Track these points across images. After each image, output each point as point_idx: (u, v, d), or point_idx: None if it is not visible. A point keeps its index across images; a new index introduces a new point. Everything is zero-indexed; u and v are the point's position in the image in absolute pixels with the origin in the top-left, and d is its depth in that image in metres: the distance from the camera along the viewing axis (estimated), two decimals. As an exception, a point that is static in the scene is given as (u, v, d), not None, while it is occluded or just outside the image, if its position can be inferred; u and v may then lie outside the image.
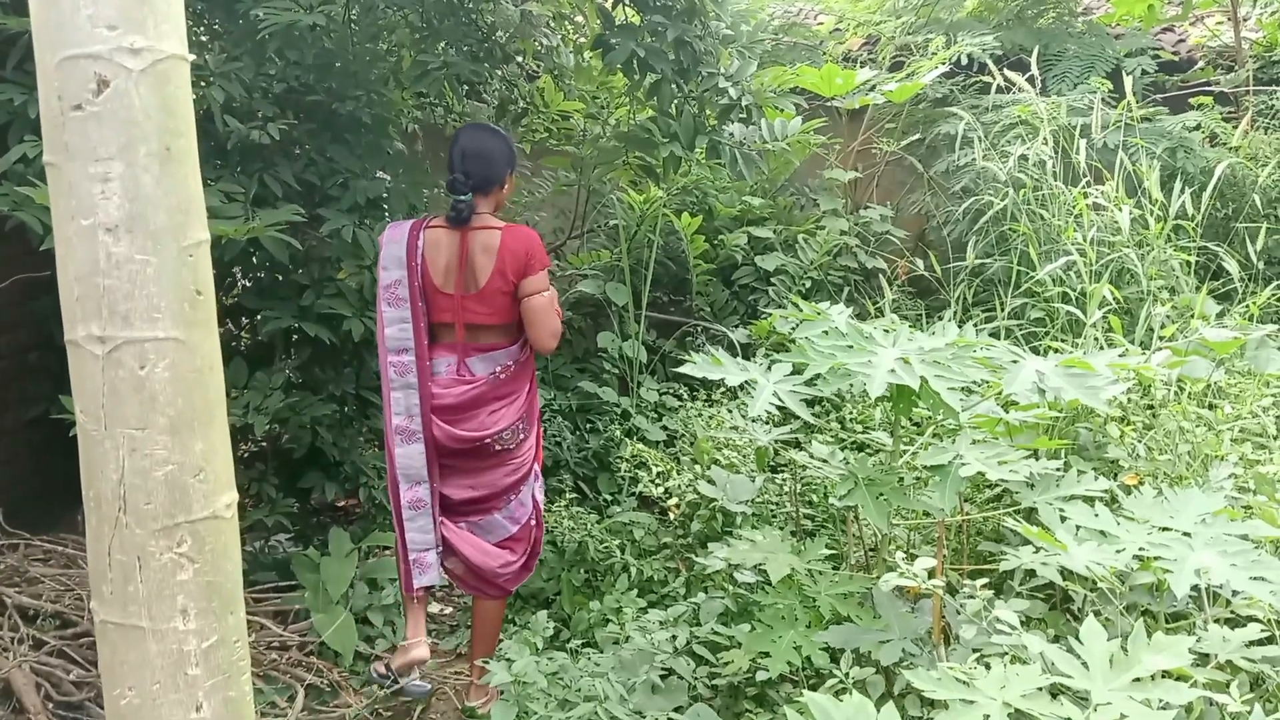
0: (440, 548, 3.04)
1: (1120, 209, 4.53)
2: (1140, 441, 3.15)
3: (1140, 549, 2.05)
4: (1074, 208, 4.82)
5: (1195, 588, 2.13)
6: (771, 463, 3.74)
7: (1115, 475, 3.01)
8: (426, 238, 2.96)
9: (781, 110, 3.65)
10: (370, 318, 3.52)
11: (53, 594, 3.19)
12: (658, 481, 3.65)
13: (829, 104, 5.25)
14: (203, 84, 3.21)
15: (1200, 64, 5.99)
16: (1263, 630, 1.99)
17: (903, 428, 3.06)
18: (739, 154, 3.39)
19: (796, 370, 2.67)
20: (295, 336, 3.81)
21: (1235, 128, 5.31)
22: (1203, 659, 1.94)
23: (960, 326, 4.29)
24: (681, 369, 2.60)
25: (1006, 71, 5.01)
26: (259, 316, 3.72)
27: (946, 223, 5.33)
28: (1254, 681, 2.02)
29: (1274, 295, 4.13)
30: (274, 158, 3.48)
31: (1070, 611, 2.63)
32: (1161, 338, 3.57)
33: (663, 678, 2.75)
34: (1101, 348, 3.96)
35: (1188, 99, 5.66)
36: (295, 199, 3.42)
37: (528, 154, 5.28)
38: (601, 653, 3.09)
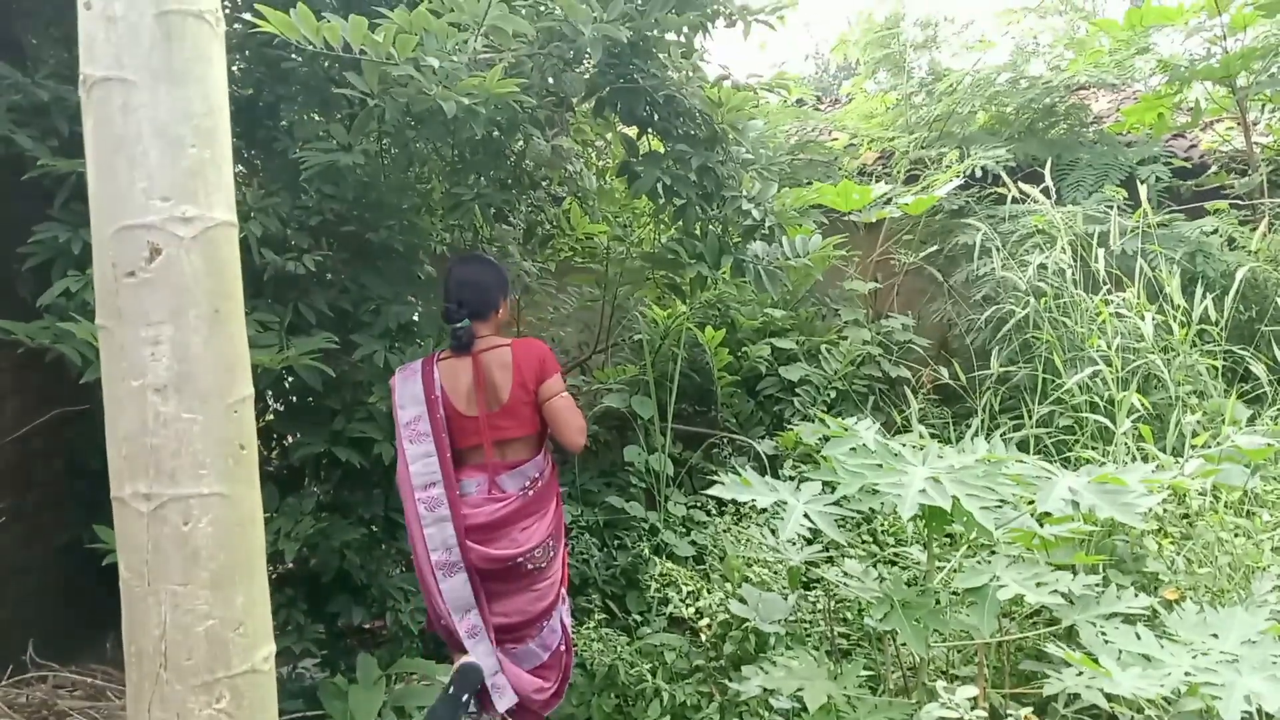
0: (498, 670, 3.01)
1: (1143, 316, 4.54)
2: (1179, 554, 3.10)
3: (1186, 673, 2.00)
4: (1096, 315, 4.84)
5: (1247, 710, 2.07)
6: (804, 578, 3.70)
7: (1155, 589, 2.96)
8: (441, 369, 3.05)
9: (802, 226, 3.73)
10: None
11: (81, 728, 3.16)
12: (688, 601, 3.60)
13: (846, 217, 5.36)
14: (241, 219, 3.33)
15: (1213, 169, 6.07)
16: (1321, 759, 1.93)
17: (936, 541, 3.03)
18: (763, 271, 3.46)
19: (827, 488, 2.67)
20: (325, 459, 3.84)
21: (1253, 231, 5.35)
22: (1260, 792, 1.87)
23: (988, 436, 4.27)
24: (711, 490, 2.61)
25: (1020, 184, 5.10)
26: (289, 441, 3.76)
27: (969, 330, 5.36)
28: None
29: (1305, 399, 4.10)
30: (308, 286, 3.57)
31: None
32: (1193, 445, 3.54)
33: (699, 812, 2.68)
34: (1133, 457, 3.93)
35: (1203, 204, 5.73)
36: (328, 326, 3.50)
37: (553, 272, 5.39)
38: (635, 784, 3.02)
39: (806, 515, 2.55)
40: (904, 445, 2.66)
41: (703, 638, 3.57)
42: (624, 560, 4.46)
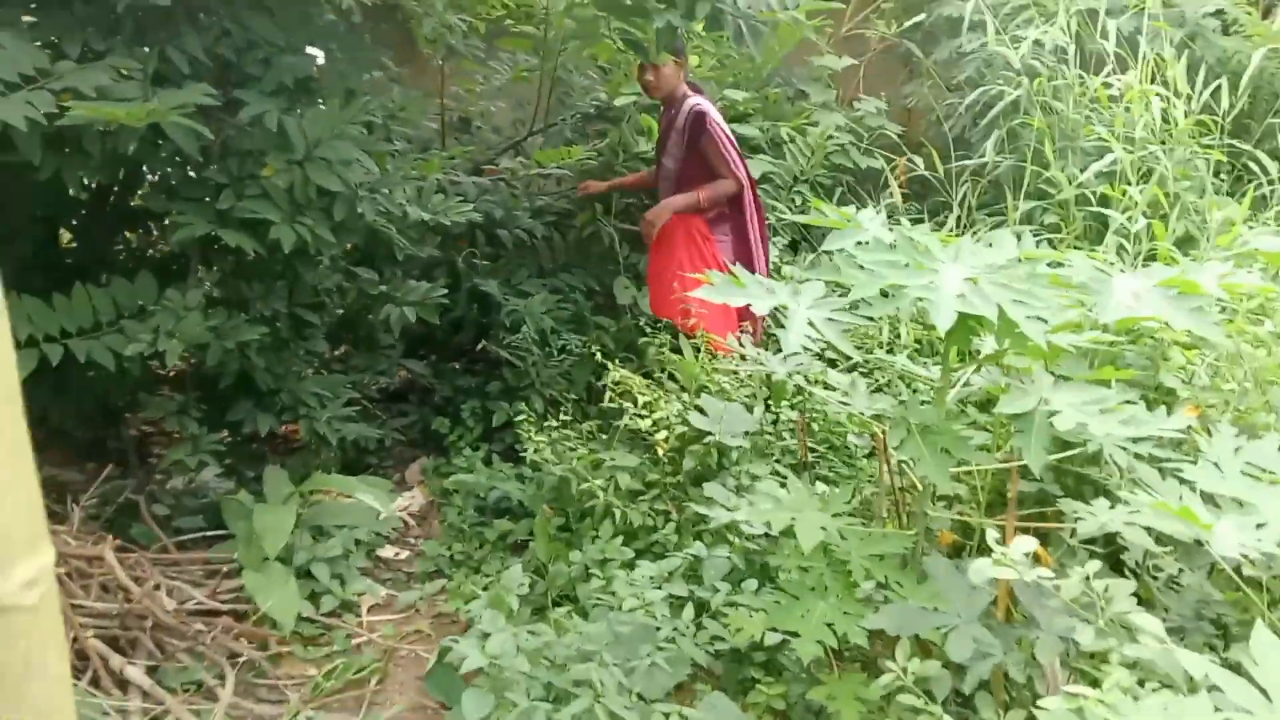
0: None
1: (1148, 103, 4.08)
2: (1200, 365, 2.74)
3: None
4: (1095, 99, 4.35)
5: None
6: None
7: (1169, 407, 2.61)
8: None
9: (785, -23, 3.10)
10: (300, 224, 2.98)
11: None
12: (644, 413, 3.19)
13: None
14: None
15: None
16: None
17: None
18: (744, 24, 2.83)
19: (832, 289, 2.20)
20: (212, 245, 3.21)
21: (1264, 17, 4.85)
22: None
23: (964, 234, 3.84)
24: (695, 293, 2.12)
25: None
26: (166, 222, 3.11)
27: (949, 117, 4.83)
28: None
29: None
30: (178, 26, 2.84)
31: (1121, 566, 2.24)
32: (1219, 245, 3.15)
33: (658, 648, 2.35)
34: (1126, 256, 3.58)
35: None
36: (205, 77, 2.80)
37: (482, 34, 4.62)
38: (586, 616, 2.67)
39: (810, 323, 2.08)
40: (929, 239, 2.17)
41: (659, 452, 3.17)
42: (568, 363, 4.03)
